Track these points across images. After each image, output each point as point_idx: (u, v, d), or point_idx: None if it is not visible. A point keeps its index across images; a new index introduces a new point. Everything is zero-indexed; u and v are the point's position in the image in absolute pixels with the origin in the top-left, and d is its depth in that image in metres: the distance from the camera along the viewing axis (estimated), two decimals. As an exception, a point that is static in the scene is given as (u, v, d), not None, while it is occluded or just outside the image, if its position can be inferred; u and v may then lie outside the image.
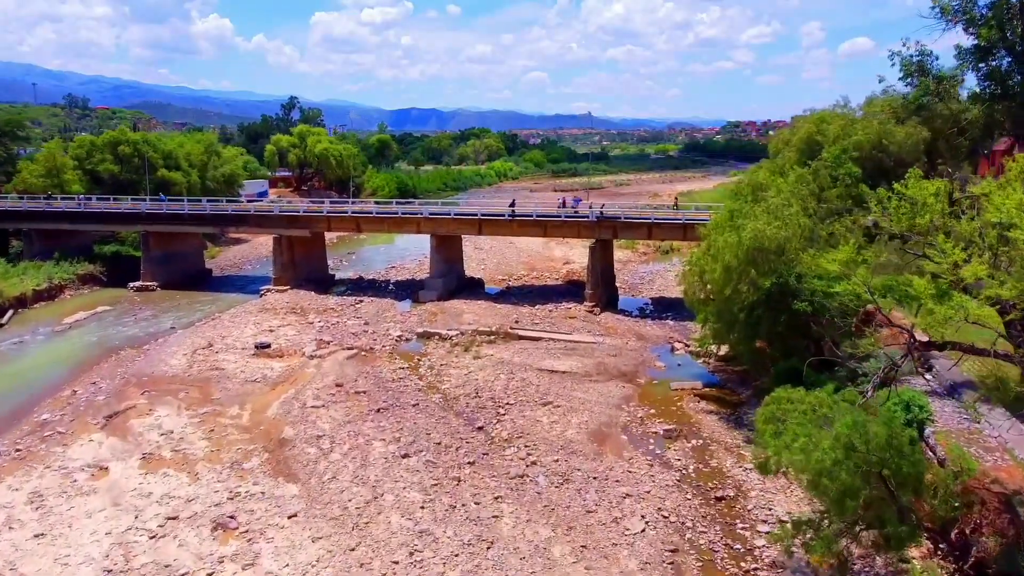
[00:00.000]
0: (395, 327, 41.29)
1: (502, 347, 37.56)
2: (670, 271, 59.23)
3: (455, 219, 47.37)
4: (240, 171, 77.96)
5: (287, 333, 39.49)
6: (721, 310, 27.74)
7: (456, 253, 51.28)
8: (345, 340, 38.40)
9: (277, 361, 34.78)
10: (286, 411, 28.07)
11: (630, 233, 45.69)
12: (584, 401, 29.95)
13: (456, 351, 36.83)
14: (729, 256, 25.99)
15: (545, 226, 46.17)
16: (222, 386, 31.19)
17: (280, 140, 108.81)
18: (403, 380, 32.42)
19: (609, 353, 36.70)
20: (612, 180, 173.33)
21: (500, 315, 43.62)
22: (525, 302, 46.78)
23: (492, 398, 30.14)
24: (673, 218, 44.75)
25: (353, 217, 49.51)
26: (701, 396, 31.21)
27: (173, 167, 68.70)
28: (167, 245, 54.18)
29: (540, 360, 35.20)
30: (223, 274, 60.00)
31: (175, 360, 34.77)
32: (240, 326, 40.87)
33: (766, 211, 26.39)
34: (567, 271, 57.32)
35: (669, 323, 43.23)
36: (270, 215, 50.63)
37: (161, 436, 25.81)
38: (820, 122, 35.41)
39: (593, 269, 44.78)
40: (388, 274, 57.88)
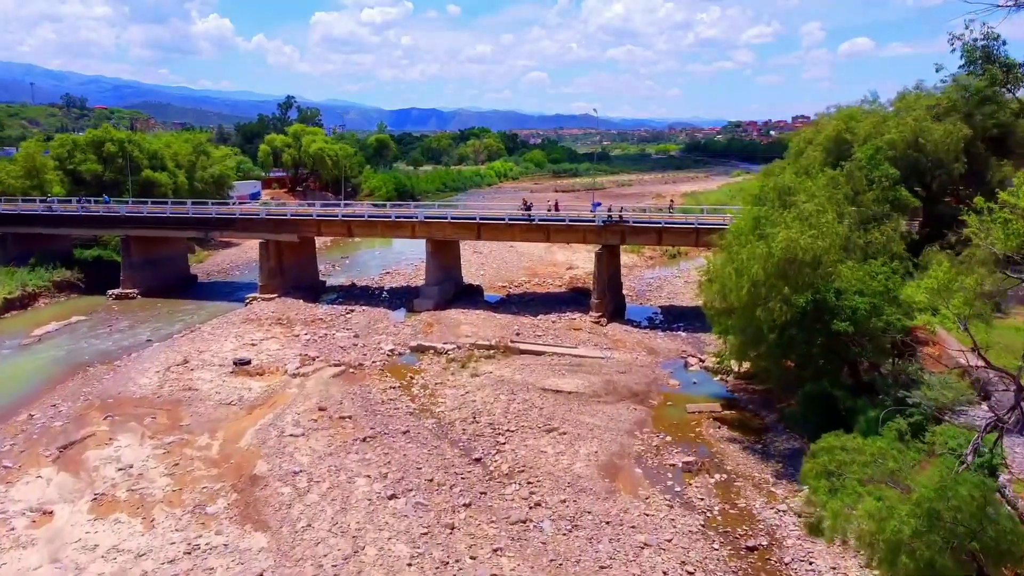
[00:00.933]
0: (387, 340, 38.41)
1: (502, 363, 34.69)
2: (679, 277, 56.48)
3: (452, 223, 44.50)
4: (230, 172, 75.07)
5: (270, 347, 36.61)
6: (746, 328, 24.86)
7: (453, 259, 48.42)
8: (332, 355, 35.52)
9: (257, 380, 31.89)
10: (261, 441, 25.19)
11: (639, 238, 42.81)
12: (593, 427, 27.07)
13: (452, 368, 33.96)
14: (757, 269, 23.12)
15: (548, 231, 43.30)
16: (193, 410, 28.30)
17: (274, 140, 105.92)
18: (394, 402, 29.55)
19: (618, 370, 33.84)
20: (614, 180, 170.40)
21: (500, 326, 40.74)
22: (526, 311, 43.91)
23: (491, 423, 27.27)
24: (685, 222, 41.88)
25: (344, 221, 46.63)
26: (721, 420, 28.35)
27: (159, 167, 65.83)
28: (149, 250, 51.33)
29: (543, 378, 32.33)
30: (209, 280, 57.12)
31: (145, 379, 31.90)
32: (220, 339, 37.98)
33: (797, 218, 23.50)
34: (570, 277, 54.43)
35: (681, 335, 40.37)
36: (256, 218, 47.76)
37: (118, 472, 22.93)
38: (849, 119, 32.53)
39: (599, 277, 41.91)
40: (382, 280, 54.99)
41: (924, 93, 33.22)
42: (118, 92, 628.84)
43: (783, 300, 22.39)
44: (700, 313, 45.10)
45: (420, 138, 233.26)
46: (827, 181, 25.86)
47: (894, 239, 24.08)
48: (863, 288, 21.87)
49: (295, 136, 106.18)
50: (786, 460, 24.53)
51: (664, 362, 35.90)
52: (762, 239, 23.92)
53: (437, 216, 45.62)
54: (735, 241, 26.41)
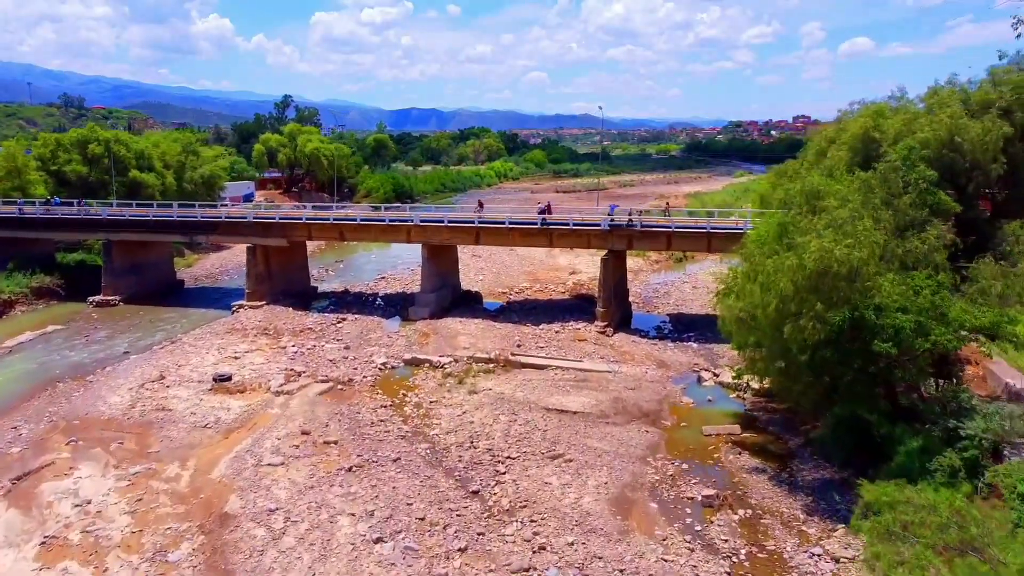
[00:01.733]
0: (380, 352, 36.04)
1: (502, 378, 32.32)
2: (686, 282, 54.13)
3: (449, 227, 42.12)
4: (220, 172, 72.63)
5: (254, 361, 34.22)
6: (772, 347, 22.49)
7: (451, 264, 46.05)
8: (320, 369, 33.15)
9: (236, 398, 29.51)
10: (236, 471, 22.80)
11: (647, 243, 40.41)
12: (601, 453, 24.70)
13: (449, 384, 31.59)
14: (785, 283, 20.74)
15: (551, 235, 40.91)
16: (165, 433, 25.92)
17: (269, 139, 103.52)
18: (384, 423, 27.17)
19: (627, 386, 31.47)
20: (616, 181, 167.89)
21: (500, 337, 38.38)
22: (528, 320, 41.53)
23: (490, 449, 24.90)
24: (696, 226, 39.49)
25: (336, 224, 44.26)
26: (740, 444, 25.98)
27: (147, 168, 63.50)
28: (132, 255, 48.93)
29: (547, 395, 29.95)
30: (197, 285, 54.74)
31: (117, 397, 29.52)
32: (201, 351, 35.61)
33: (830, 225, 21.12)
34: (574, 283, 52.05)
35: (692, 346, 38.00)
36: (243, 222, 45.36)
37: (75, 509, 20.56)
38: (877, 116, 30.13)
39: (605, 284, 39.53)
40: (377, 286, 52.61)
41: (958, 88, 30.84)
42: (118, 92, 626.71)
43: (816, 317, 20.01)
44: (711, 322, 42.83)
45: (419, 138, 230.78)
46: (860, 184, 23.47)
47: (937, 248, 21.70)
48: (906, 304, 19.50)
49: (290, 136, 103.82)
50: (816, 492, 22.18)
51: (675, 377, 33.54)
52: (790, 249, 21.54)
53: (433, 220, 43.25)
54: (757, 250, 24.06)
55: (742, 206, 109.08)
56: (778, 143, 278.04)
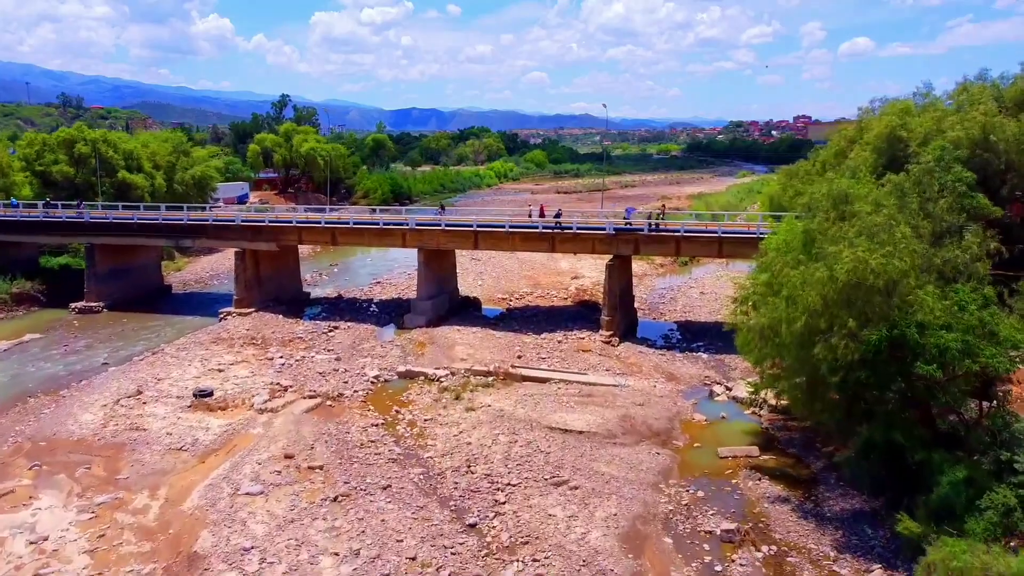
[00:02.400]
0: (372, 364, 34.09)
1: (502, 393, 30.36)
2: (693, 287, 52.16)
3: (446, 231, 40.16)
4: (212, 173, 70.67)
5: (239, 374, 32.26)
6: (796, 366, 20.53)
7: (448, 269, 44.09)
8: (309, 383, 31.19)
9: (217, 416, 27.55)
10: (210, 502, 20.83)
11: (655, 248, 38.45)
12: (609, 479, 22.74)
13: (445, 399, 29.63)
14: (813, 297, 18.79)
15: (553, 240, 38.95)
16: (137, 457, 23.96)
17: (264, 139, 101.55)
18: (375, 445, 25.21)
19: (635, 401, 29.50)
20: (617, 181, 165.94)
21: (499, 347, 36.43)
22: (529, 328, 39.58)
23: (488, 474, 22.94)
24: (706, 230, 37.51)
25: (327, 228, 42.30)
26: (759, 468, 24.03)
27: (135, 169, 61.56)
28: (117, 259, 46.99)
29: (549, 413, 27.99)
30: (185, 291, 52.80)
31: (89, 415, 27.56)
32: (184, 363, 33.65)
33: (862, 233, 19.16)
34: (576, 288, 50.07)
35: (702, 357, 36.05)
36: (231, 225, 43.42)
37: (29, 547, 18.60)
38: (904, 115, 28.17)
39: (611, 291, 37.57)
40: (372, 291, 50.65)
41: (989, 84, 28.90)
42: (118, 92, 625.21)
43: (849, 335, 18.07)
44: (721, 330, 40.81)
45: (419, 138, 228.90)
46: (892, 188, 21.52)
47: (979, 257, 19.74)
48: (951, 321, 17.54)
49: (286, 135, 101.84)
50: (846, 525, 20.24)
51: (686, 391, 31.60)
52: (818, 259, 19.59)
53: (430, 223, 41.29)
54: (779, 259, 22.10)
55: (747, 207, 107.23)
56: (780, 143, 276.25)
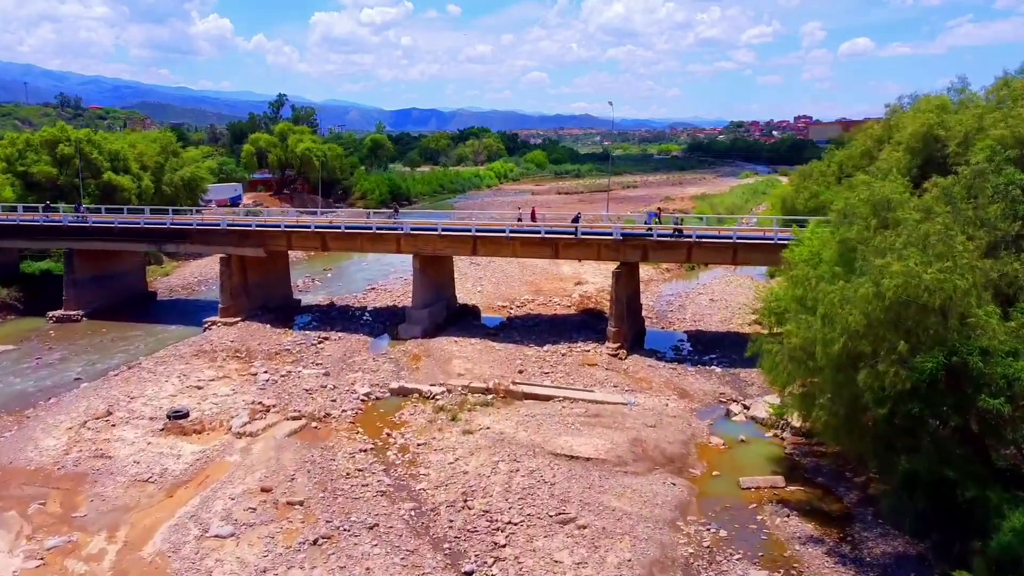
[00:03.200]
0: (363, 380, 31.81)
1: (502, 412, 28.09)
2: (702, 293, 49.88)
3: (443, 236, 37.87)
4: (203, 174, 68.34)
5: (219, 391, 29.97)
6: (833, 393, 18.24)
7: (445, 276, 41.81)
8: (293, 402, 28.90)
9: (191, 441, 25.26)
10: (174, 546, 18.54)
11: (664, 255, 36.11)
12: (621, 515, 20.45)
13: (440, 420, 27.34)
14: (855, 316, 16.49)
15: (556, 245, 36.64)
16: (98, 490, 21.68)
17: (259, 139, 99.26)
18: (363, 474, 22.93)
19: (646, 422, 27.22)
20: (619, 182, 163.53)
21: (499, 360, 34.17)
22: (531, 339, 37.31)
23: (487, 510, 20.66)
24: (720, 236, 35.19)
25: (318, 233, 39.99)
26: (786, 501, 21.76)
27: (122, 170, 59.26)
28: (98, 265, 44.73)
29: (554, 436, 25.70)
30: (171, 297, 50.51)
31: (52, 439, 25.28)
32: (161, 379, 31.36)
33: (912, 243, 16.88)
34: (580, 295, 47.78)
35: (715, 371, 33.78)
36: (216, 230, 41.12)
37: (-38, 603, 16.36)
38: (941, 111, 25.86)
39: (618, 300, 35.28)
40: (366, 298, 48.36)
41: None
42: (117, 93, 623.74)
43: (899, 361, 15.78)
44: (734, 341, 38.60)
45: (418, 138, 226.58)
46: (939, 192, 19.24)
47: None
48: (1018, 347, 15.25)
49: (281, 135, 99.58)
50: (888, 573, 17.97)
51: (700, 409, 29.34)
52: (862, 273, 17.30)
53: (425, 228, 39.00)
54: (812, 272, 19.83)
55: (751, 208, 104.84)
56: (781, 143, 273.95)
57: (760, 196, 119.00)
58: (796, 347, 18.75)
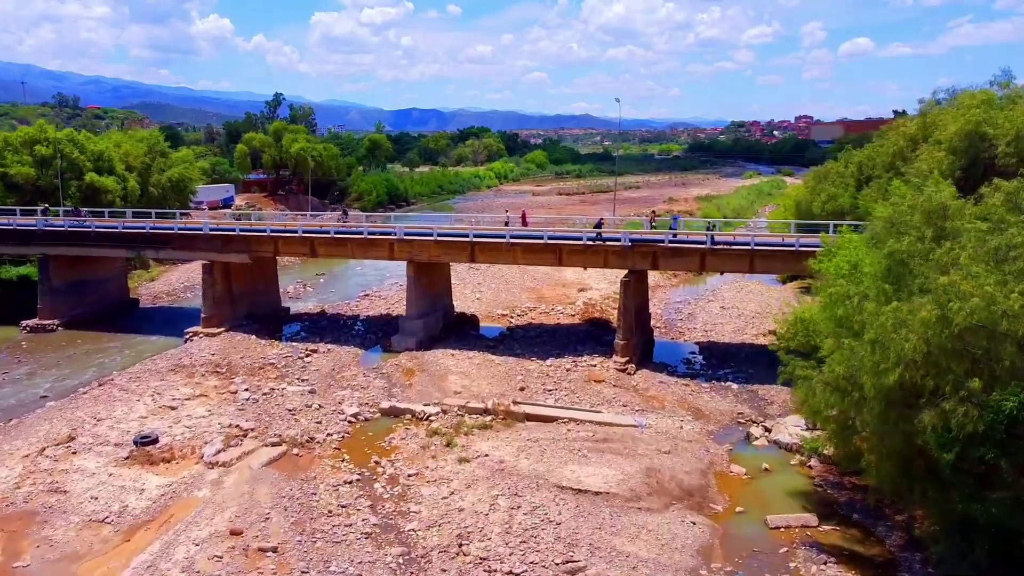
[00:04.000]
0: (352, 398, 29.43)
1: (502, 436, 25.70)
2: (712, 300, 47.44)
3: (439, 242, 35.47)
4: (192, 174, 65.83)
5: (194, 413, 27.57)
6: (884, 431, 15.84)
7: (441, 283, 39.40)
8: (275, 424, 26.50)
9: (158, 471, 22.85)
10: (124, 605, 16.15)
11: (677, 262, 33.69)
12: (636, 563, 18.05)
13: (434, 446, 24.94)
14: (914, 344, 14.12)
15: (560, 251, 34.25)
16: (47, 533, 19.27)
17: (252, 139, 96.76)
18: (346, 512, 20.53)
19: (659, 447, 24.83)
20: (621, 183, 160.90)
21: (499, 376, 31.79)
22: (532, 352, 34.93)
23: (484, 558, 18.25)
24: (737, 242, 32.80)
25: (306, 238, 37.58)
26: (821, 543, 19.37)
27: (106, 171, 56.81)
28: (75, 271, 42.35)
29: (559, 465, 23.31)
30: (154, 305, 48.12)
31: (5, 469, 22.82)
32: (132, 398, 28.97)
33: (980, 258, 14.49)
34: (584, 303, 45.38)
35: (731, 387, 31.38)
36: (198, 235, 38.74)
37: None
38: (988, 107, 23.45)
39: (626, 311, 32.88)
40: (359, 306, 45.96)
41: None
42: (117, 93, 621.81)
43: (968, 399, 13.39)
44: (750, 354, 36.21)
45: (417, 138, 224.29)
46: (1001, 198, 16.83)
47: None
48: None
49: (275, 135, 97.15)
50: (946, 635, 15.58)
51: (718, 432, 26.96)
52: (919, 292, 14.89)
53: (420, 232, 36.61)
54: (855, 289, 17.43)
55: (758, 210, 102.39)
56: (783, 143, 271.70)
57: (766, 197, 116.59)
58: (839, 376, 16.35)
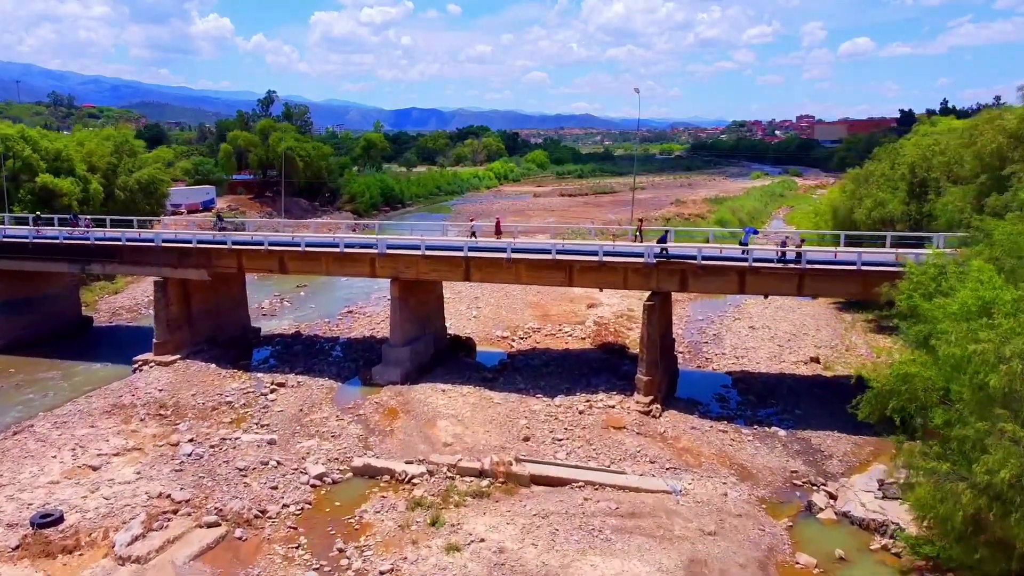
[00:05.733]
0: (319, 452, 24.10)
1: (501, 508, 20.39)
2: (738, 318, 42.16)
3: (428, 257, 30.14)
4: (163, 175, 60.30)
5: (120, 476, 22.21)
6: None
7: (431, 304, 34.04)
8: (216, 493, 21.13)
9: (53, 569, 17.52)
10: None
11: (710, 283, 28.13)
12: None
13: (416, 524, 19.61)
14: None
15: (570, 270, 28.88)
16: None
17: (237, 138, 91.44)
18: (292, 635, 15.21)
19: (702, 525, 19.53)
20: (624, 183, 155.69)
21: (499, 420, 26.47)
22: (538, 387, 29.64)
23: None
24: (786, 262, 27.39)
25: (273, 251, 32.19)
26: None
27: (65, 171, 51.51)
28: (15, 287, 37.21)
29: (576, 555, 18.00)
30: (111, 323, 42.76)
31: None
32: (48, 453, 23.64)
33: None
34: (595, 322, 40.02)
35: (779, 433, 26.08)
36: (149, 247, 33.41)
37: None
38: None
39: (650, 341, 27.54)
40: (339, 325, 40.66)
41: None
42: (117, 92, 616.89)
43: None
44: (793, 388, 30.70)
45: (416, 137, 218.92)
46: None
47: None
48: None
49: (262, 133, 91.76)
50: None
51: (771, 498, 21.76)
52: None
53: (406, 245, 31.28)
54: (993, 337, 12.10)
55: (772, 212, 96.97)
56: (788, 143, 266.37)
57: (779, 199, 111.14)
58: (1004, 481, 10.98)
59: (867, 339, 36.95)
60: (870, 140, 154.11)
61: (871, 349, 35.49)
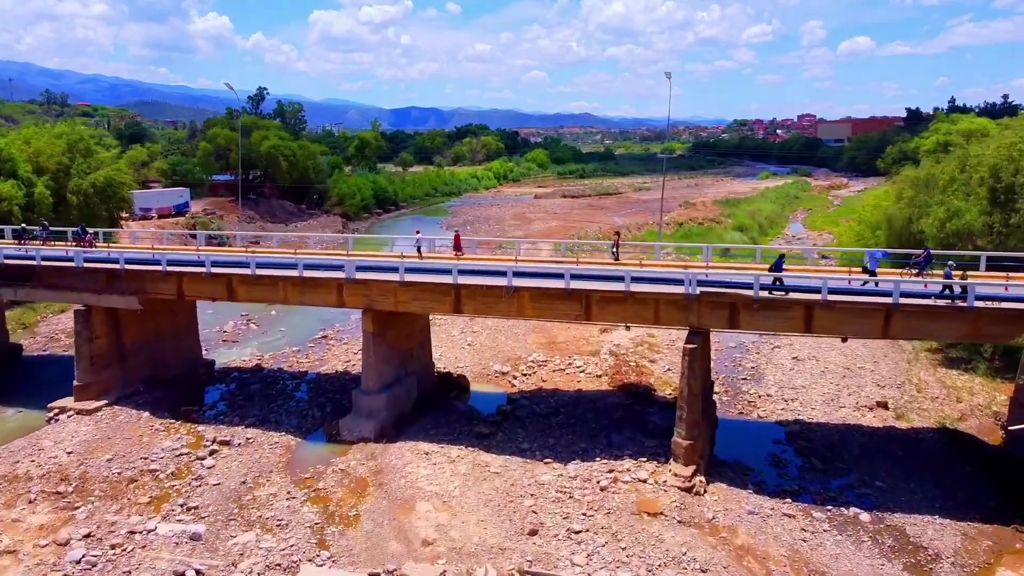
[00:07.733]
0: (256, 553, 17.98)
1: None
2: (778, 347, 35.91)
3: (407, 285, 23.96)
4: (123, 177, 53.92)
5: (-29, 598, 16.16)
6: None
7: (414, 338, 27.84)
8: (100, 632, 15.05)
9: None
10: None
11: (767, 319, 21.74)
12: None
13: None
14: None
15: (588, 302, 22.71)
16: None
17: (217, 136, 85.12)
18: None
19: None
20: (628, 183, 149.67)
21: (497, 500, 20.36)
22: (547, 447, 23.57)
23: None
24: (861, 289, 21.27)
25: (219, 275, 26.01)
26: None
27: (6, 173, 45.43)
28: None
29: None
30: (45, 351, 36.64)
31: None
32: None
33: None
34: (612, 353, 33.77)
35: (861, 519, 20.04)
36: (69, 268, 27.28)
37: None
38: None
39: (691, 392, 21.43)
40: (308, 357, 34.51)
41: None
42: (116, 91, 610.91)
43: None
44: (863, 446, 24.26)
45: (413, 136, 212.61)
46: None
47: None
48: None
49: (245, 131, 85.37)
50: None
51: (873, 635, 15.55)
52: None
53: (381, 266, 25.11)
54: None
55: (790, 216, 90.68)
56: (792, 142, 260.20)
57: (794, 201, 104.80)
58: None
59: (938, 376, 30.86)
60: (882, 139, 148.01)
61: (947, 389, 29.52)
